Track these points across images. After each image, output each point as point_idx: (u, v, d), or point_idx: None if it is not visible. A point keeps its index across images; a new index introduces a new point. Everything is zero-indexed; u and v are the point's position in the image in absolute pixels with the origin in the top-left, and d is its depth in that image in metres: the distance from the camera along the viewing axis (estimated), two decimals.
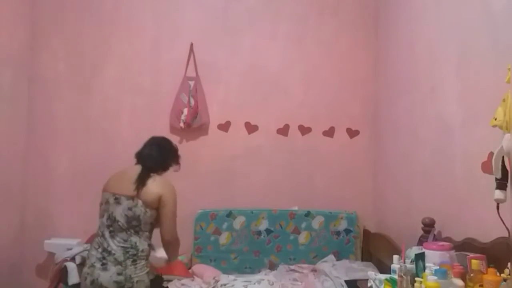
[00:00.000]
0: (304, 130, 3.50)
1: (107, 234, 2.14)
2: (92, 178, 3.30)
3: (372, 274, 2.08)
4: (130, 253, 2.11)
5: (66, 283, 2.56)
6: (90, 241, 2.85)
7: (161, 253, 2.26)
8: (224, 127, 3.45)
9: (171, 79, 3.38)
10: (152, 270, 2.28)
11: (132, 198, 2.15)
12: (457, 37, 2.31)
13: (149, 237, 2.23)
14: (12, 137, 3.13)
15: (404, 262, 1.86)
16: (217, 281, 2.82)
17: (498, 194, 1.63)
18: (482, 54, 2.07)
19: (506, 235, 1.63)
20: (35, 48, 3.34)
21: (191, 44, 3.42)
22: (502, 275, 1.59)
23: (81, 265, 2.64)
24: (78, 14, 3.39)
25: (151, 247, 2.23)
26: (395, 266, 1.86)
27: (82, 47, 3.38)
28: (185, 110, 3.30)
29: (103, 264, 2.09)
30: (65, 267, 2.58)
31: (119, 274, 2.07)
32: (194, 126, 3.34)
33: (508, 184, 1.59)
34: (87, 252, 2.68)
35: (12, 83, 3.10)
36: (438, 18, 2.53)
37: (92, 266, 2.11)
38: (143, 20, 3.43)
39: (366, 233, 3.40)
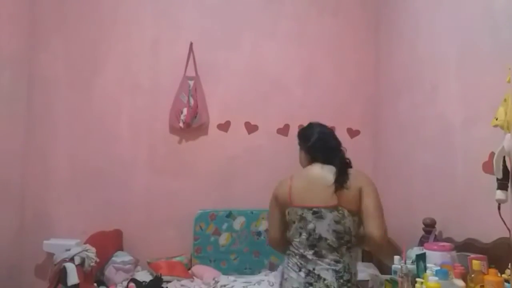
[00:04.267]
0: None
1: (310, 255, 1.73)
2: (92, 179, 3.31)
3: (373, 275, 2.07)
4: (344, 278, 1.71)
5: (65, 283, 2.54)
6: (89, 241, 2.85)
7: None
8: (224, 127, 3.44)
9: (171, 79, 3.37)
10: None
11: (336, 207, 1.73)
12: (457, 37, 2.30)
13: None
14: (11, 137, 3.12)
15: (405, 263, 1.85)
16: (216, 282, 2.81)
17: (499, 194, 1.62)
18: (483, 54, 2.06)
19: (507, 235, 1.62)
20: (35, 47, 3.33)
21: (191, 44, 3.41)
22: (503, 275, 1.59)
23: (80, 266, 2.63)
24: (77, 14, 3.39)
25: None
26: (396, 266, 1.85)
27: (82, 46, 3.37)
28: (185, 110, 3.29)
29: None
30: (64, 267, 2.57)
31: None
32: (194, 126, 3.33)
33: (509, 184, 1.58)
34: (87, 252, 2.70)
35: (11, 83, 3.10)
36: (439, 17, 2.52)
37: None
38: (143, 20, 3.43)
39: None
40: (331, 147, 1.94)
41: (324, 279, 1.69)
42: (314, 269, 1.72)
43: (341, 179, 1.78)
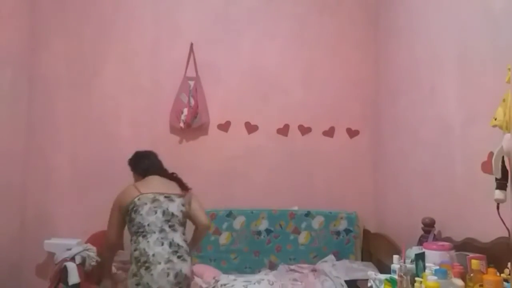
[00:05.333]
0: (304, 130, 3.50)
1: (167, 228, 2.22)
2: (92, 178, 3.32)
3: (372, 274, 2.08)
4: (188, 244, 2.31)
5: (66, 283, 2.55)
6: (90, 241, 2.86)
7: None
8: (224, 127, 3.45)
9: (171, 79, 3.38)
10: None
11: (181, 196, 2.37)
12: (457, 37, 2.31)
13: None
14: (12, 136, 3.13)
15: (404, 262, 1.85)
16: (217, 281, 2.82)
17: (498, 194, 1.63)
18: (482, 54, 2.07)
19: (506, 235, 1.63)
20: (35, 47, 3.34)
21: (191, 44, 3.42)
22: (502, 275, 1.59)
23: (81, 265, 2.64)
24: (78, 14, 3.39)
25: None
26: (395, 266, 1.85)
27: (82, 46, 3.38)
28: (185, 110, 3.30)
29: (179, 257, 2.17)
30: (65, 267, 2.58)
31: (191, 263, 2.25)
32: (194, 126, 3.34)
33: (508, 184, 1.59)
34: (88, 252, 2.71)
35: (12, 83, 3.10)
36: (438, 18, 2.53)
37: (170, 261, 2.14)
38: (143, 20, 3.43)
39: (366, 233, 3.40)
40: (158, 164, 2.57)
41: (182, 246, 2.25)
42: (173, 239, 2.21)
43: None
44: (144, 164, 2.51)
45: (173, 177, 2.48)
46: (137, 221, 2.23)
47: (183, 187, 2.46)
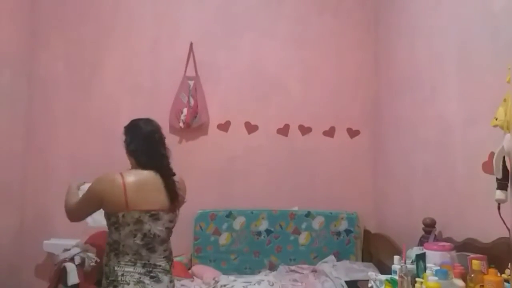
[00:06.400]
0: (304, 130, 3.50)
1: (144, 252, 1.88)
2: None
3: (373, 275, 2.07)
4: (170, 259, 1.98)
5: (65, 283, 2.55)
6: (89, 241, 2.85)
7: None
8: (224, 127, 3.44)
9: (171, 79, 3.37)
10: None
11: (171, 211, 1.94)
12: (457, 37, 2.30)
13: None
14: (11, 136, 3.12)
15: (405, 263, 1.85)
16: (216, 282, 2.81)
17: (499, 194, 1.63)
18: (482, 54, 2.07)
19: (507, 235, 1.63)
20: (35, 47, 3.33)
21: (191, 44, 3.41)
22: (503, 275, 1.59)
23: (80, 266, 2.63)
24: (77, 14, 3.39)
25: None
26: (395, 266, 1.85)
27: (82, 46, 3.38)
28: (185, 110, 3.29)
29: (152, 277, 1.87)
30: (65, 267, 2.57)
31: (171, 281, 1.93)
32: (194, 126, 3.33)
33: (509, 184, 1.58)
34: (87, 252, 2.70)
35: (11, 83, 3.10)
36: (438, 18, 2.52)
37: (140, 282, 1.85)
38: (143, 20, 3.43)
39: (366, 233, 3.40)
40: (162, 156, 1.96)
41: (160, 265, 1.91)
42: (149, 259, 1.89)
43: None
44: (144, 150, 1.95)
45: (168, 183, 1.93)
46: (114, 238, 1.91)
47: (175, 201, 1.95)
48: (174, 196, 1.93)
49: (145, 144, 1.95)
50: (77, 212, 2.08)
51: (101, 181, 1.93)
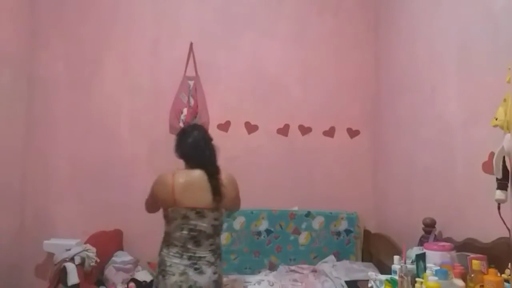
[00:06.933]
0: (304, 130, 3.50)
1: (190, 244, 2.11)
2: (92, 178, 3.32)
3: (373, 275, 2.07)
4: (217, 252, 2.18)
5: (65, 283, 2.55)
6: (89, 241, 2.85)
7: None
8: (224, 127, 3.44)
9: (171, 79, 3.37)
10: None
11: (216, 209, 2.15)
12: (457, 37, 2.30)
13: None
14: (11, 137, 3.12)
15: (405, 263, 1.85)
16: None
17: (499, 194, 1.63)
18: (482, 54, 2.07)
19: (507, 235, 1.63)
20: (35, 47, 3.33)
21: (191, 44, 3.41)
22: (503, 275, 1.59)
23: (80, 266, 2.63)
24: (77, 14, 3.39)
25: None
26: (395, 266, 1.85)
27: (82, 46, 3.38)
28: (185, 110, 3.29)
29: (196, 269, 2.09)
30: (65, 267, 2.57)
31: (215, 273, 2.13)
32: None
33: (509, 184, 1.58)
34: (87, 252, 2.70)
35: (11, 83, 3.10)
36: (438, 18, 2.52)
37: (184, 273, 2.07)
38: (143, 20, 3.43)
39: (366, 233, 3.40)
40: (209, 157, 2.21)
41: (205, 257, 2.13)
42: (195, 253, 2.12)
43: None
44: (193, 152, 2.18)
45: (213, 183, 2.13)
46: (166, 230, 2.19)
47: (218, 198, 2.13)
48: (218, 194, 2.12)
49: (190, 148, 2.19)
50: (147, 206, 2.32)
51: (156, 182, 2.19)
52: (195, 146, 2.19)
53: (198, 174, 2.13)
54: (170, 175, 2.13)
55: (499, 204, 1.66)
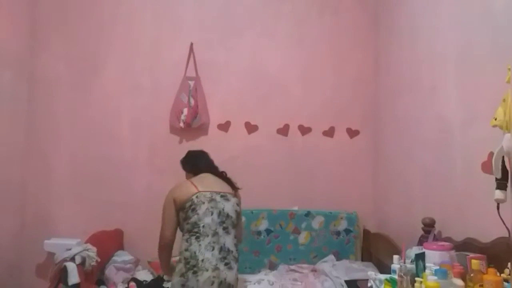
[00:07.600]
0: (304, 130, 3.50)
1: (221, 231, 2.17)
2: (92, 178, 3.32)
3: (372, 274, 2.07)
4: (237, 249, 2.25)
5: (66, 283, 2.55)
6: (90, 241, 2.85)
7: None
8: (224, 127, 3.45)
9: (171, 79, 3.37)
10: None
11: (234, 195, 2.32)
12: (457, 37, 2.31)
13: None
14: (11, 137, 3.13)
15: (404, 262, 1.85)
16: None
17: (498, 194, 1.63)
18: (482, 54, 2.07)
19: (506, 235, 1.63)
20: (35, 47, 3.34)
21: (191, 44, 3.41)
22: (502, 275, 1.59)
23: (81, 265, 2.64)
24: (78, 14, 3.39)
25: None
26: (395, 266, 1.85)
27: (82, 47, 3.38)
28: (185, 110, 3.30)
29: (226, 264, 2.13)
30: (65, 267, 2.58)
31: (237, 270, 2.19)
32: (194, 126, 3.34)
33: (508, 184, 1.59)
34: (88, 252, 2.70)
35: (12, 83, 3.10)
36: (438, 18, 2.53)
37: (217, 269, 2.10)
38: (143, 20, 3.43)
39: (366, 233, 3.40)
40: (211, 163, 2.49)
41: (232, 251, 2.21)
42: (225, 242, 2.17)
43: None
44: (198, 161, 2.48)
45: (223, 176, 2.40)
46: (193, 221, 2.16)
47: (234, 187, 2.38)
48: (231, 183, 2.35)
49: (196, 160, 2.47)
50: (164, 231, 2.27)
51: (168, 192, 2.29)
52: (204, 158, 2.50)
53: (209, 174, 2.36)
54: (184, 181, 2.34)
55: (498, 204, 1.66)
